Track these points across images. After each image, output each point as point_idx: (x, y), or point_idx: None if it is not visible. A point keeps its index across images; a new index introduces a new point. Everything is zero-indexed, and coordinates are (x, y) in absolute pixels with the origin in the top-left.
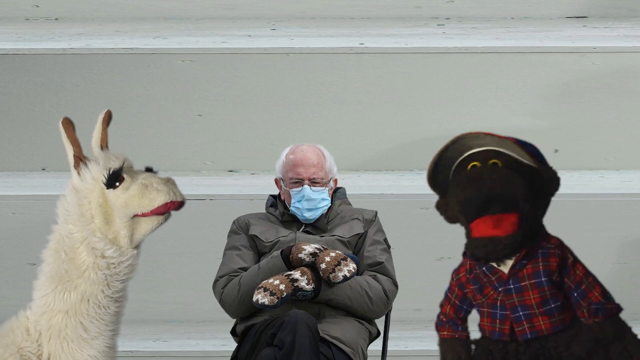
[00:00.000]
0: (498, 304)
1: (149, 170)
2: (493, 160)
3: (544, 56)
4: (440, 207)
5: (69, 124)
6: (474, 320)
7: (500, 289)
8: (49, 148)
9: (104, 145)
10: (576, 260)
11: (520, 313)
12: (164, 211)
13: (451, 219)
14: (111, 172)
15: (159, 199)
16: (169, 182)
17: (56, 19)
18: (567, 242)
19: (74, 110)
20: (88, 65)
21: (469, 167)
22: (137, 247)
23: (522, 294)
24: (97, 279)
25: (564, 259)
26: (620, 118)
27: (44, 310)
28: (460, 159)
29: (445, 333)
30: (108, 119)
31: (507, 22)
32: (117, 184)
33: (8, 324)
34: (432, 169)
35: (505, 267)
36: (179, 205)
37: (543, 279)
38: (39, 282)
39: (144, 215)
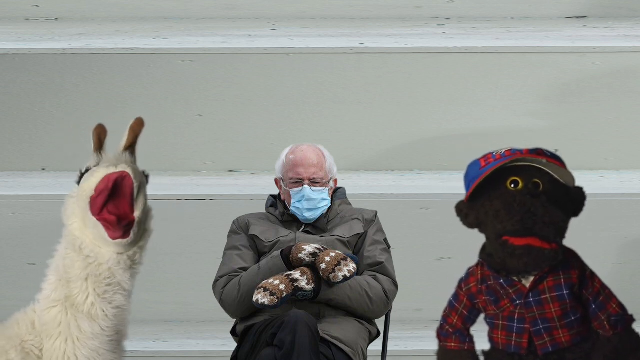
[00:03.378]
0: (516, 317)
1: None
2: (535, 180)
3: (544, 56)
4: (461, 211)
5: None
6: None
7: (518, 302)
8: (49, 148)
9: (126, 148)
10: (592, 273)
11: (541, 326)
12: (103, 187)
13: (471, 225)
14: (84, 170)
15: (97, 175)
16: (120, 163)
17: (56, 19)
18: (568, 242)
19: (74, 110)
20: (88, 65)
21: (509, 182)
22: (122, 253)
23: (542, 307)
24: (83, 275)
25: (583, 271)
26: (620, 118)
27: (44, 305)
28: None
29: (453, 344)
30: (137, 127)
31: (507, 22)
32: None
33: (15, 316)
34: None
35: (527, 281)
36: (118, 175)
37: (565, 292)
38: (47, 276)
39: (90, 206)
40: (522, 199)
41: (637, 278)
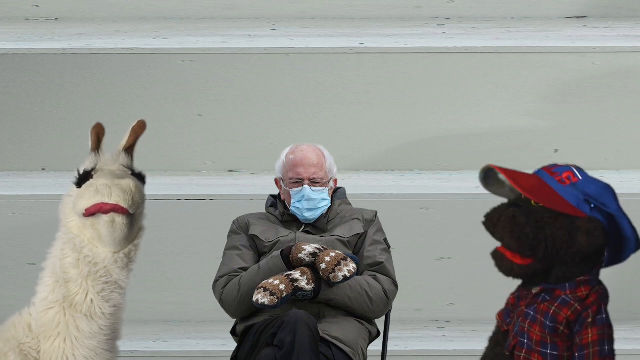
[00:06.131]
0: (518, 319)
1: (136, 175)
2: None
3: (544, 56)
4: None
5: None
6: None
7: (524, 308)
8: (49, 148)
9: (125, 148)
10: (594, 324)
11: (525, 340)
12: (94, 212)
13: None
14: (82, 172)
15: (93, 199)
16: (115, 186)
17: (56, 19)
18: None
19: (74, 110)
20: (88, 65)
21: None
22: (117, 252)
23: (532, 324)
24: (84, 274)
25: (579, 316)
26: (620, 118)
27: (42, 307)
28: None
29: (498, 317)
30: (139, 129)
31: (507, 22)
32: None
33: (11, 319)
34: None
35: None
36: (111, 208)
37: (547, 323)
38: (42, 279)
39: (84, 216)
40: (505, 208)
41: (637, 278)
